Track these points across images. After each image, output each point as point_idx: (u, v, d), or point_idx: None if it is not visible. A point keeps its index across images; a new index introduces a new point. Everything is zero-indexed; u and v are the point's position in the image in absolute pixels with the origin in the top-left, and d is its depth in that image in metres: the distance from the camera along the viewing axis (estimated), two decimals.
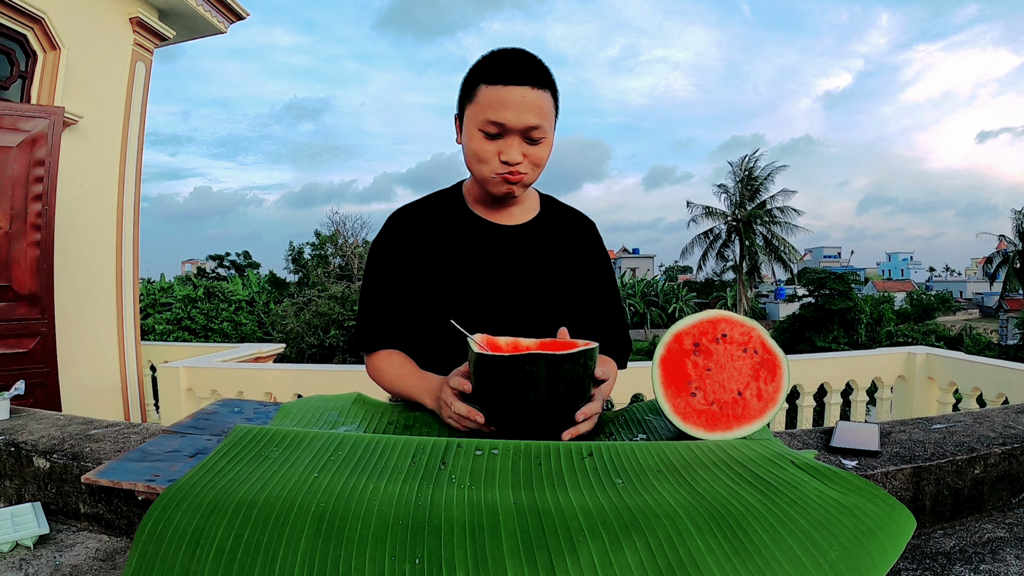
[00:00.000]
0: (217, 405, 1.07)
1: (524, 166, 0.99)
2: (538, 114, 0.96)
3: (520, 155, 0.98)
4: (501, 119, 0.95)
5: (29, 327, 3.29)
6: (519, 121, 0.95)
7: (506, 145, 0.98)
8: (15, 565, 0.79)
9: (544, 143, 1.00)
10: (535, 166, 1.01)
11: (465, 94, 1.01)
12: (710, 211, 25.86)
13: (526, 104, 0.95)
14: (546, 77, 0.99)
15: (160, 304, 20.70)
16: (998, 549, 0.77)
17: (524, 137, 0.98)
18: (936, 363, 3.48)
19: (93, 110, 4.16)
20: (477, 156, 1.00)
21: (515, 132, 0.97)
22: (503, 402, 0.82)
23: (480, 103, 0.97)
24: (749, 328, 0.85)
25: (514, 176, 1.00)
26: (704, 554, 0.57)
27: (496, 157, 0.99)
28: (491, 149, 0.98)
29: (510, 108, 0.95)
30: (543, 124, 0.97)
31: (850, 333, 22.34)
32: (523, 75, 0.95)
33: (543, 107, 0.97)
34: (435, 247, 1.09)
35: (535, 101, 0.96)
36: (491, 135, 0.97)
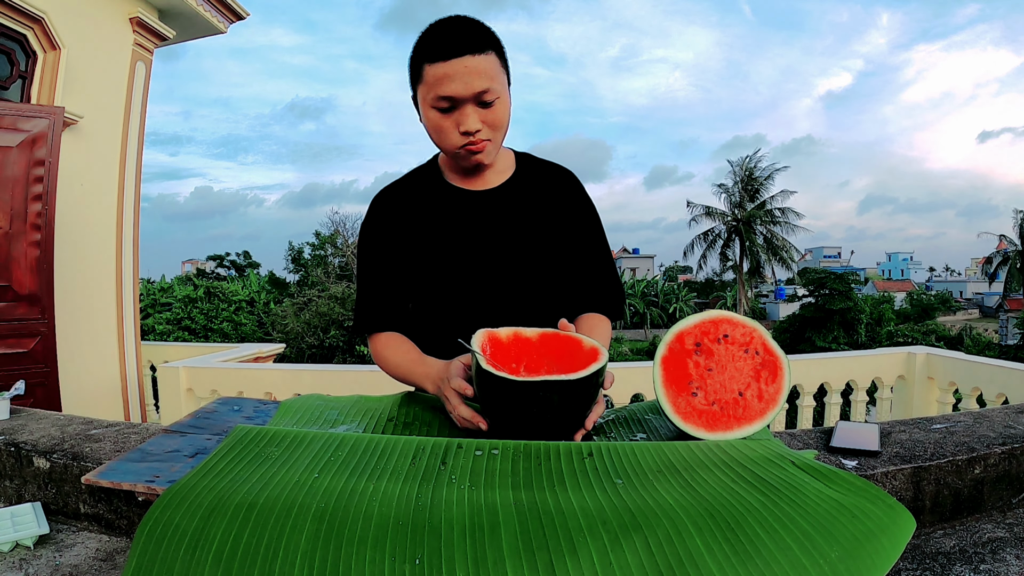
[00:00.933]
0: (217, 404, 1.07)
1: (484, 132, 1.01)
2: (484, 78, 0.97)
3: (478, 122, 0.99)
4: (450, 92, 0.97)
5: (29, 327, 3.29)
6: (467, 90, 0.97)
7: (462, 116, 0.99)
8: (15, 565, 0.79)
9: (499, 104, 1.01)
10: (495, 129, 1.02)
11: (414, 75, 1.03)
12: (710, 211, 25.87)
13: (469, 72, 0.96)
14: (485, 40, 0.99)
15: (160, 304, 20.71)
16: (998, 549, 0.77)
17: (477, 103, 0.99)
18: (936, 363, 3.48)
19: (93, 110, 4.16)
20: (437, 131, 1.02)
21: (467, 100, 0.98)
22: (510, 416, 0.82)
23: (427, 82, 0.99)
24: (751, 329, 0.85)
25: (476, 145, 1.01)
26: (704, 554, 0.57)
27: (455, 129, 1.00)
28: (449, 123, 1.00)
29: (455, 80, 0.96)
30: (492, 86, 0.98)
31: (850, 333, 22.34)
32: (461, 45, 0.96)
33: (488, 70, 0.98)
34: (416, 222, 1.11)
35: (478, 67, 0.97)
36: (445, 109, 0.99)
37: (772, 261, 25.03)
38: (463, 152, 1.03)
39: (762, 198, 25.22)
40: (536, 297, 1.10)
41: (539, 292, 1.10)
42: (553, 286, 1.11)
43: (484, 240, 1.09)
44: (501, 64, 1.02)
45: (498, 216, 1.10)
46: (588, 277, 1.15)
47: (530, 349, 0.95)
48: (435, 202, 1.12)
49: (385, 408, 1.02)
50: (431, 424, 0.95)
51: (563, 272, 1.12)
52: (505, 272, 1.09)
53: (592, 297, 1.16)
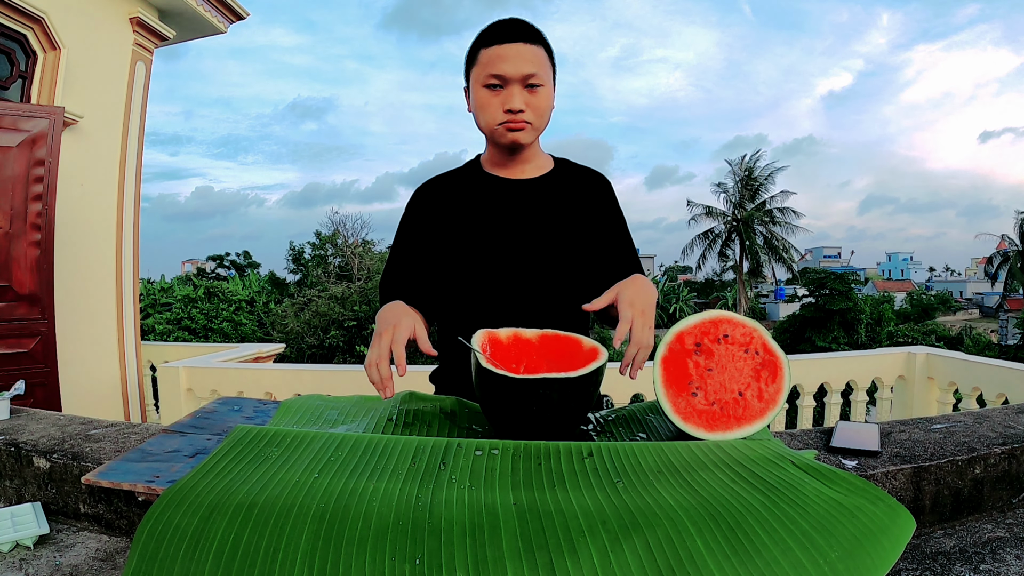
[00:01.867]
0: (217, 404, 1.07)
1: (526, 114, 1.07)
2: (533, 63, 1.06)
3: (522, 103, 1.06)
4: (500, 71, 1.05)
5: (29, 327, 3.29)
6: (516, 70, 1.05)
7: (508, 95, 1.07)
8: (15, 565, 0.79)
9: (543, 91, 1.08)
10: (536, 113, 1.09)
11: (469, 63, 1.12)
12: (710, 211, 25.85)
13: (521, 56, 1.06)
14: (538, 35, 1.09)
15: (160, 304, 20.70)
16: (998, 549, 0.77)
17: (524, 86, 1.06)
18: (936, 363, 3.48)
19: (93, 110, 4.16)
20: (483, 109, 1.09)
21: (515, 81, 1.06)
22: (510, 415, 0.82)
23: (481, 63, 1.08)
24: (751, 329, 0.85)
25: (517, 122, 1.07)
26: (704, 554, 0.57)
27: (500, 107, 1.07)
28: (495, 101, 1.08)
29: (507, 60, 1.05)
30: (539, 71, 1.07)
31: (850, 333, 22.33)
32: (516, 33, 1.07)
33: (537, 57, 1.07)
34: (453, 208, 1.17)
35: (529, 54, 1.06)
36: (493, 87, 1.07)
37: (772, 261, 25.02)
38: (502, 129, 1.08)
39: (762, 198, 25.21)
40: (564, 285, 1.13)
41: (568, 280, 1.14)
42: (581, 275, 1.15)
43: (518, 225, 1.13)
44: (550, 61, 1.11)
45: (534, 204, 1.16)
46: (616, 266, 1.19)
47: (530, 349, 0.95)
48: (474, 189, 1.17)
49: (385, 408, 1.02)
50: (431, 424, 0.96)
51: (591, 262, 1.17)
52: (536, 257, 1.12)
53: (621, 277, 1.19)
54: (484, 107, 1.09)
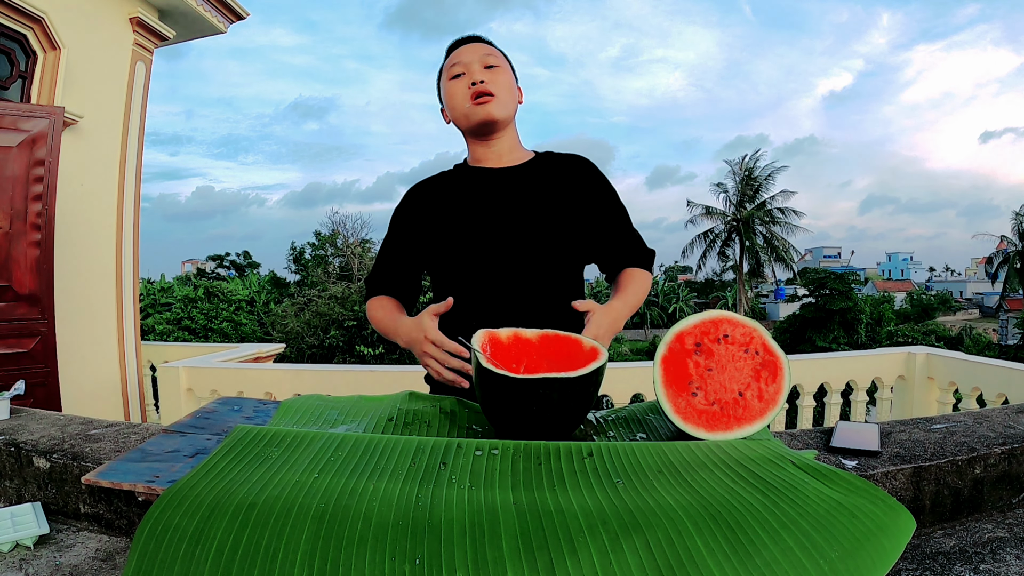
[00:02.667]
0: (216, 404, 1.06)
1: (489, 85, 1.15)
2: (488, 52, 1.18)
3: (482, 75, 1.15)
4: (458, 61, 1.17)
5: (29, 327, 3.28)
6: (473, 56, 1.17)
7: (469, 75, 1.16)
8: (15, 565, 0.79)
9: (501, 71, 1.18)
10: (499, 88, 1.16)
11: (440, 78, 1.22)
12: (710, 211, 25.85)
13: (476, 49, 1.18)
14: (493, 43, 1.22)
15: (160, 304, 20.70)
16: (998, 549, 0.77)
17: (482, 67, 1.16)
18: (936, 363, 3.48)
19: (93, 110, 4.16)
20: (452, 97, 1.17)
21: (473, 62, 1.16)
22: (511, 415, 0.82)
23: (445, 68, 1.20)
24: (751, 329, 0.85)
25: (482, 94, 1.14)
26: (704, 554, 0.57)
27: (465, 87, 1.16)
28: (460, 84, 1.16)
29: (464, 53, 1.18)
30: (493, 56, 1.18)
31: (850, 333, 22.33)
32: (469, 39, 1.21)
33: (492, 50, 1.19)
34: (438, 204, 1.22)
35: (483, 48, 1.19)
36: (457, 76, 1.17)
37: (772, 261, 25.01)
38: (472, 107, 1.15)
39: (762, 198, 25.21)
40: (553, 269, 1.15)
41: (556, 263, 1.16)
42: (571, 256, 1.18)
43: (502, 212, 1.16)
44: (505, 60, 1.21)
45: (515, 191, 1.18)
46: (612, 240, 1.23)
47: (530, 349, 0.95)
48: (457, 184, 1.22)
49: (385, 408, 1.02)
50: (431, 424, 0.95)
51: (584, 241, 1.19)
52: (522, 243, 1.14)
53: (621, 255, 1.24)
54: (452, 95, 1.17)
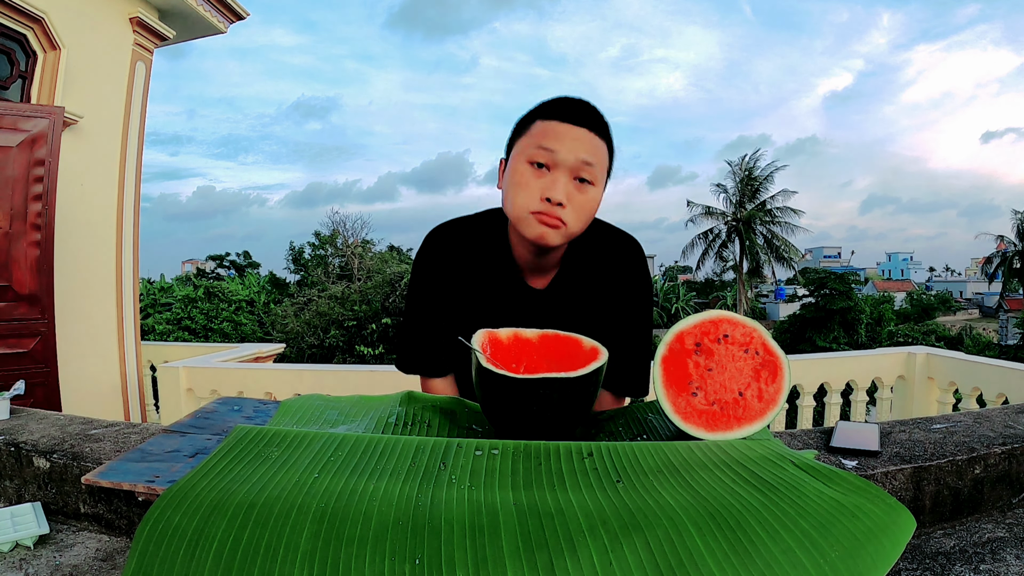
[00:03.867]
0: (216, 404, 1.06)
1: (566, 211, 0.92)
2: (592, 152, 0.92)
3: (563, 194, 0.91)
4: (553, 147, 0.91)
5: (29, 327, 3.29)
6: (571, 154, 0.91)
7: (552, 181, 0.91)
8: (15, 565, 0.79)
9: (592, 191, 0.94)
10: (577, 215, 0.93)
11: (517, 131, 0.97)
12: (710, 211, 25.85)
13: (580, 142, 0.91)
14: (606, 127, 0.96)
15: (160, 304, 20.71)
16: (998, 549, 0.77)
17: (573, 176, 0.92)
18: (936, 363, 3.48)
19: (93, 110, 4.16)
20: (519, 187, 0.93)
21: (564, 168, 0.91)
22: (511, 415, 0.82)
23: (532, 134, 0.93)
24: (751, 329, 0.85)
25: (551, 217, 0.91)
26: (704, 554, 0.57)
27: (539, 192, 0.92)
28: (536, 183, 0.92)
29: (564, 140, 0.91)
30: (595, 165, 0.92)
31: (850, 333, 22.34)
32: (583, 117, 0.93)
33: (598, 149, 0.93)
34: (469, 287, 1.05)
35: (590, 141, 0.92)
36: (539, 164, 0.92)
37: (772, 261, 25.02)
38: (532, 219, 0.92)
39: (762, 198, 25.21)
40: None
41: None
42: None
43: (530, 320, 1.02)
44: (608, 159, 0.97)
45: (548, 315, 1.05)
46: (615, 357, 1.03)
47: (530, 349, 0.95)
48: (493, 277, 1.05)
49: (385, 408, 1.02)
50: (431, 424, 0.95)
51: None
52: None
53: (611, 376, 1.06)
54: (521, 185, 0.92)
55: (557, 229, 0.92)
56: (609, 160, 0.98)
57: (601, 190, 0.97)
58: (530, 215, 0.93)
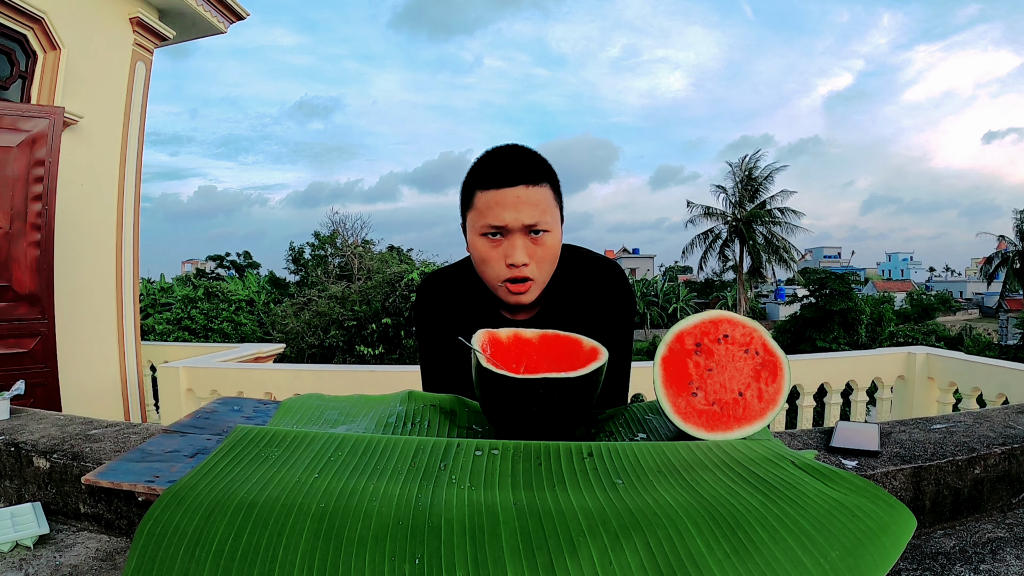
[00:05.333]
0: (216, 404, 1.06)
1: (531, 269, 0.98)
2: (537, 209, 0.96)
3: (525, 255, 0.96)
4: (499, 221, 0.95)
5: (29, 327, 3.29)
6: (518, 220, 0.95)
7: (510, 246, 0.97)
8: (15, 565, 0.79)
9: (548, 237, 0.98)
10: (541, 263, 0.99)
11: (464, 202, 1.01)
12: (710, 211, 25.86)
13: (522, 203, 0.95)
14: (540, 171, 0.97)
15: (160, 304, 20.71)
16: (998, 549, 0.77)
17: (527, 233, 0.97)
18: (936, 363, 3.49)
19: (93, 110, 4.16)
20: (483, 260, 0.99)
21: (516, 232, 0.96)
22: (511, 415, 0.82)
23: (478, 209, 0.97)
24: (751, 329, 0.85)
25: (519, 284, 0.98)
26: (704, 554, 0.57)
27: (502, 261, 0.98)
28: (496, 253, 0.98)
29: (507, 209, 0.95)
30: (543, 219, 0.96)
31: (850, 333, 22.34)
32: (515, 175, 0.95)
33: (540, 202, 0.96)
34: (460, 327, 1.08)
35: (532, 198, 0.95)
36: (493, 235, 0.97)
37: (772, 261, 25.02)
38: (504, 289, 1.00)
39: (762, 198, 25.22)
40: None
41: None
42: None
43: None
44: (555, 198, 1.00)
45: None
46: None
47: (530, 349, 0.95)
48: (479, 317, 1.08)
49: (385, 408, 1.02)
50: (431, 424, 0.95)
51: None
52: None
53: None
54: (484, 260, 0.99)
55: (527, 291, 0.99)
56: (557, 198, 1.01)
57: (559, 228, 1.02)
58: (501, 285, 1.00)
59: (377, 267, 17.90)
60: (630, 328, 1.13)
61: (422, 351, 1.15)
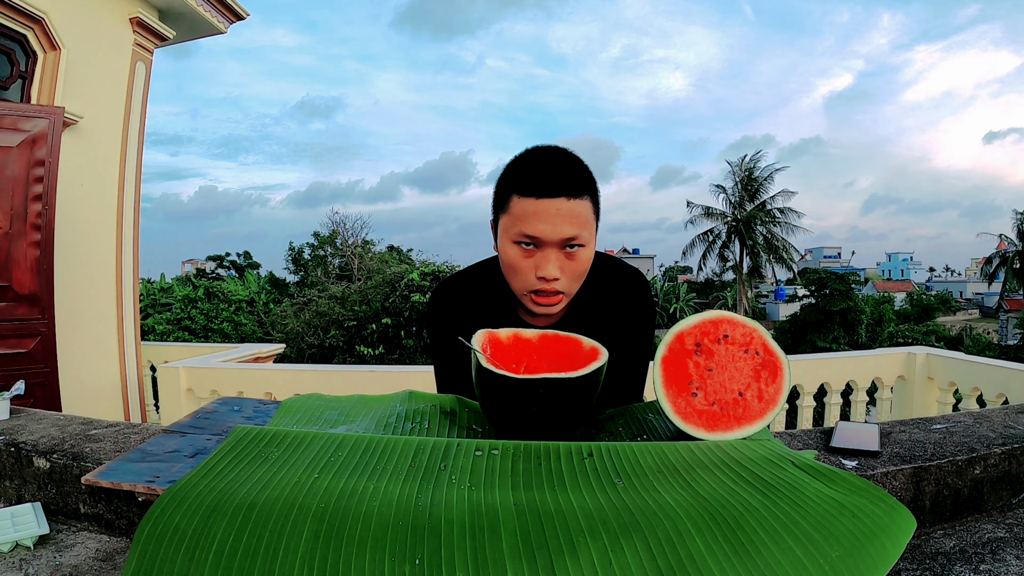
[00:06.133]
0: (216, 404, 1.06)
1: (562, 283, 0.94)
2: (575, 224, 0.91)
3: (557, 270, 0.93)
4: (536, 232, 0.91)
5: (29, 327, 3.29)
6: (555, 234, 0.91)
7: (543, 259, 0.93)
8: (15, 565, 0.79)
9: (584, 251, 0.95)
10: (572, 278, 0.96)
11: (498, 202, 0.97)
12: (710, 211, 25.86)
13: (561, 216, 0.90)
14: (583, 183, 0.93)
15: (160, 304, 20.71)
16: (998, 549, 0.77)
17: (562, 247, 0.93)
18: (936, 363, 3.49)
19: (93, 110, 4.16)
20: (513, 268, 0.96)
21: (551, 244, 0.92)
22: (511, 415, 0.82)
23: (513, 214, 0.93)
24: (751, 329, 0.85)
25: (548, 297, 0.95)
26: (704, 554, 0.57)
27: (532, 271, 0.94)
28: (527, 263, 0.94)
29: (545, 221, 0.90)
30: (582, 233, 0.92)
31: (850, 333, 22.34)
32: (557, 186, 0.90)
33: (580, 215, 0.92)
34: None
35: (572, 211, 0.91)
36: (526, 245, 0.93)
37: (772, 261, 25.01)
38: (531, 298, 0.97)
39: (762, 198, 25.22)
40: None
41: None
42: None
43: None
44: (594, 209, 0.96)
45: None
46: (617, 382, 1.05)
47: (530, 350, 0.95)
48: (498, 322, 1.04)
49: (385, 408, 1.02)
50: (431, 424, 0.95)
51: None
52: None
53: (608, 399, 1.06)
54: (514, 268, 0.95)
55: (557, 303, 0.96)
56: (596, 211, 0.97)
57: (594, 243, 0.98)
58: (528, 295, 0.96)
59: (377, 267, 17.91)
60: (651, 336, 1.11)
61: (437, 358, 1.11)
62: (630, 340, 1.06)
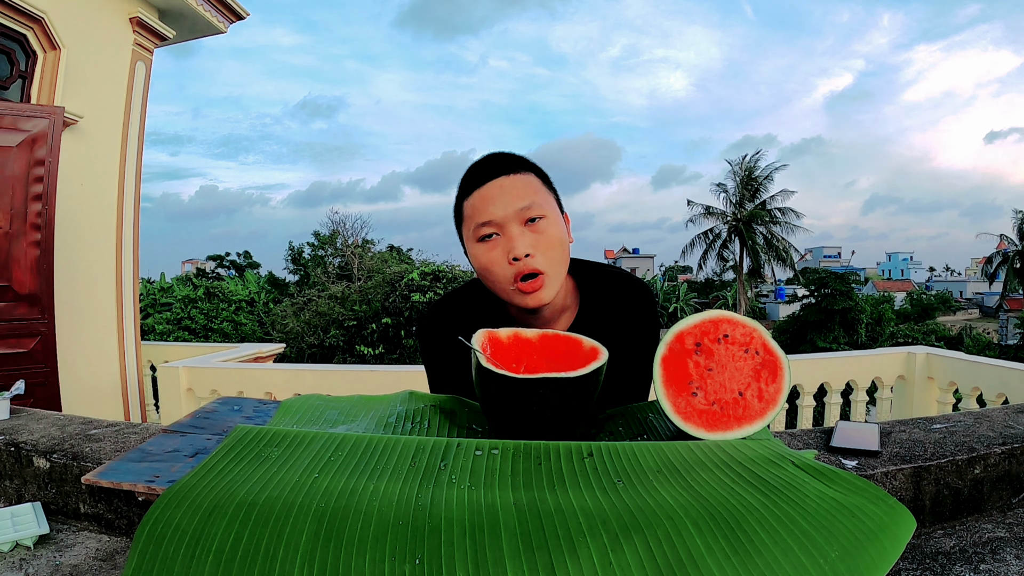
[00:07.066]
0: (216, 404, 1.06)
1: (538, 260, 0.91)
2: (524, 194, 0.91)
3: (527, 246, 0.90)
4: (488, 216, 0.90)
5: (29, 327, 3.29)
6: (506, 208, 0.90)
7: (508, 241, 0.91)
8: (15, 565, 0.79)
9: (546, 222, 0.92)
10: (549, 254, 0.92)
11: (457, 219, 0.99)
12: (710, 211, 25.86)
13: (506, 191, 0.90)
14: (519, 162, 0.94)
15: (160, 304, 20.71)
16: (998, 549, 0.77)
17: (522, 223, 0.91)
18: (936, 363, 3.49)
19: (93, 110, 4.16)
20: (487, 268, 0.93)
21: (509, 223, 0.90)
22: (511, 415, 0.82)
23: (467, 216, 0.94)
24: (751, 329, 0.85)
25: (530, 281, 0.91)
26: (704, 554, 0.57)
27: (505, 259, 0.91)
28: (496, 254, 0.92)
29: (492, 202, 0.90)
30: (534, 200, 0.91)
31: (850, 333, 22.34)
32: (493, 169, 0.92)
33: (528, 185, 0.92)
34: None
35: (515, 185, 0.91)
36: (488, 237, 0.92)
37: (772, 261, 25.01)
38: (517, 291, 0.93)
39: (762, 198, 25.21)
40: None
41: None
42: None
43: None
44: (544, 184, 0.95)
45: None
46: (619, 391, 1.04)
47: (530, 349, 0.95)
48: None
49: (385, 408, 1.02)
50: (431, 424, 0.95)
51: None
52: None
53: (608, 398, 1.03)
54: (488, 267, 0.92)
55: (542, 287, 0.93)
56: (546, 184, 0.97)
57: (557, 215, 0.95)
58: (511, 289, 0.93)
59: (377, 267, 17.91)
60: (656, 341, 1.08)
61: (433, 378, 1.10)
62: (636, 354, 1.05)
